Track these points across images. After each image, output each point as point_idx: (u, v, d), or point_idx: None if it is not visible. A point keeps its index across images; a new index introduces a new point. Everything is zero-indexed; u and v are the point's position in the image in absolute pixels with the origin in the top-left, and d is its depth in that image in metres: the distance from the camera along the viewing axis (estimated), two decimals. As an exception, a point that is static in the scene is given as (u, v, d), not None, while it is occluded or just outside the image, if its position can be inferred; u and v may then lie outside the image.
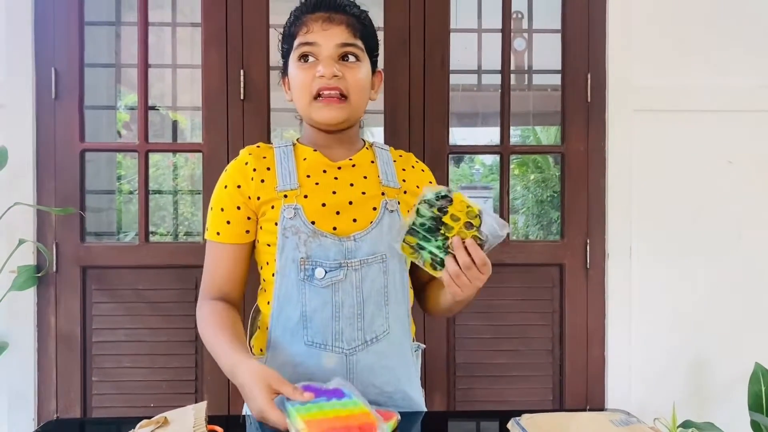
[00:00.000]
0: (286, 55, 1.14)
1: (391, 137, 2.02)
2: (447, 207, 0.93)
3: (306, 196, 1.08)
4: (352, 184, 1.11)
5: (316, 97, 1.08)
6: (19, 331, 1.94)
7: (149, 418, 0.92)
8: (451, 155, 2.06)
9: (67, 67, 1.97)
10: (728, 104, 2.03)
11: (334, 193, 1.09)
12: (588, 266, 2.04)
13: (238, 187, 1.09)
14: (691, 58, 2.03)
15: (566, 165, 2.06)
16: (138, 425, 0.90)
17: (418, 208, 0.93)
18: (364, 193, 1.11)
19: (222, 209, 1.10)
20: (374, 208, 1.10)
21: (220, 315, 1.07)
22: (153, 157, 2.07)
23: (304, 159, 1.13)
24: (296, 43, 1.10)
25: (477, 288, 0.96)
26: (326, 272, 1.05)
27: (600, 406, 2.03)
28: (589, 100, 2.04)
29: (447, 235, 0.93)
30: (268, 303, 1.09)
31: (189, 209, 4.47)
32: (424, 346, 1.24)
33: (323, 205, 1.08)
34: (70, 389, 1.97)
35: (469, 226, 0.92)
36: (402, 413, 0.98)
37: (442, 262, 0.95)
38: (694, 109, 2.03)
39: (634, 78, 2.02)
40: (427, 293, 1.20)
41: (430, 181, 1.22)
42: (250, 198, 1.08)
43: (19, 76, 1.94)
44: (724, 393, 2.02)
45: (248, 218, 1.09)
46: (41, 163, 1.96)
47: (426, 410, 1.17)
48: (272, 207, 1.07)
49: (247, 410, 1.14)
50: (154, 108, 3.31)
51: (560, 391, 2.06)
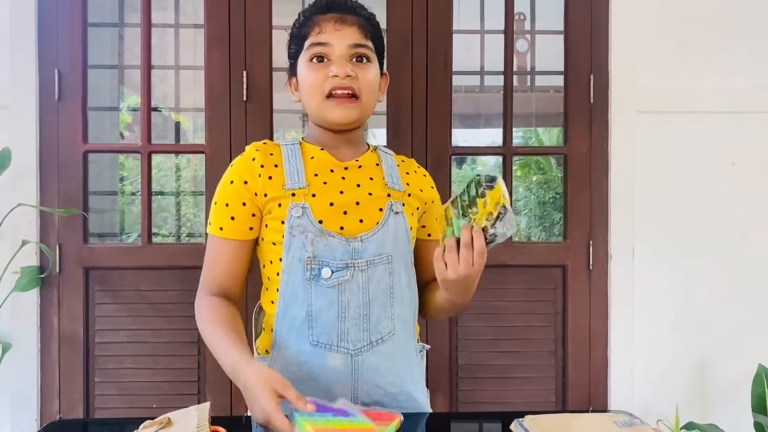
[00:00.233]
0: (293, 56, 1.14)
1: (394, 139, 2.02)
2: (487, 191, 0.92)
3: (314, 195, 1.07)
4: (358, 185, 1.11)
5: (327, 97, 1.08)
6: (22, 331, 1.94)
7: (152, 418, 0.92)
8: (453, 156, 2.06)
9: (71, 69, 1.97)
10: (731, 105, 2.02)
11: (342, 193, 1.09)
12: (591, 267, 2.04)
13: (245, 182, 1.08)
14: (694, 60, 2.03)
15: (569, 166, 2.06)
16: (141, 426, 0.91)
17: (470, 182, 0.95)
18: (370, 194, 1.11)
19: (227, 204, 1.08)
20: (380, 209, 1.10)
21: (219, 311, 1.05)
22: (155, 159, 2.07)
23: (312, 158, 1.12)
24: (308, 43, 1.09)
25: (462, 276, 0.93)
26: (333, 272, 1.05)
27: (603, 408, 2.03)
28: (592, 102, 2.04)
29: (473, 216, 0.93)
30: (272, 302, 1.09)
31: (191, 210, 4.47)
32: (429, 346, 1.24)
33: (331, 204, 1.07)
34: (72, 390, 1.97)
35: (490, 216, 0.92)
36: (405, 414, 0.98)
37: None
38: (698, 110, 2.03)
39: (637, 79, 2.02)
40: (422, 294, 1.19)
41: (432, 186, 1.23)
42: (256, 194, 1.07)
43: (23, 78, 1.94)
44: (728, 394, 2.02)
45: (253, 215, 1.08)
46: (44, 164, 1.96)
47: (431, 411, 1.17)
48: (279, 205, 1.07)
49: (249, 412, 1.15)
50: (156, 109, 3.32)
51: (563, 393, 2.06)
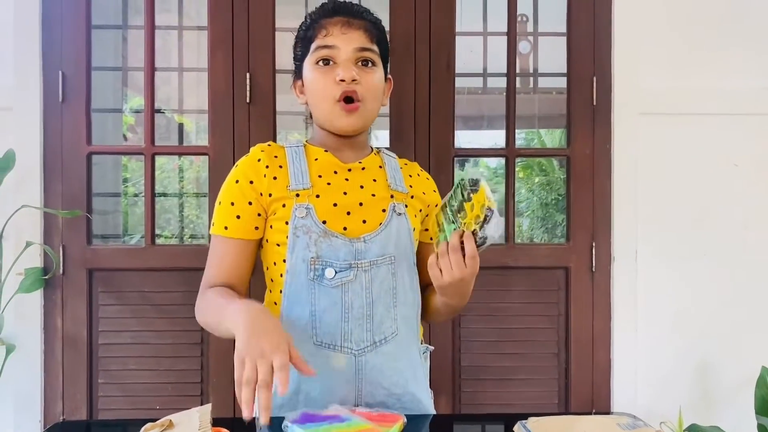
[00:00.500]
0: (299, 59, 1.14)
1: (397, 140, 2.02)
2: (472, 194, 0.92)
3: (318, 196, 1.08)
4: (362, 186, 1.12)
5: (337, 101, 1.08)
6: (26, 333, 1.94)
7: (154, 420, 0.92)
8: (456, 158, 2.06)
9: (75, 71, 1.98)
10: (734, 107, 2.02)
11: (345, 194, 1.10)
12: (593, 269, 2.04)
13: (251, 182, 1.08)
14: (697, 61, 2.03)
15: (572, 168, 2.06)
16: (143, 428, 0.90)
17: (455, 187, 0.95)
18: (373, 195, 1.11)
19: (232, 203, 1.09)
20: (383, 210, 1.11)
21: (219, 291, 1.04)
22: (158, 160, 2.08)
23: (316, 159, 1.13)
24: (314, 46, 1.10)
25: (457, 279, 0.94)
26: (336, 273, 1.05)
27: (606, 410, 2.03)
28: (595, 104, 2.04)
29: (462, 221, 0.94)
30: (275, 304, 1.09)
31: (194, 212, 4.48)
32: (432, 348, 1.24)
33: (335, 205, 1.08)
34: (76, 391, 1.97)
35: (477, 219, 0.92)
36: (408, 416, 0.98)
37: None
38: (700, 112, 2.03)
39: (640, 81, 2.02)
40: (422, 298, 1.19)
41: (434, 190, 1.23)
42: (262, 194, 1.08)
43: (27, 80, 1.95)
44: (731, 397, 2.02)
45: (258, 214, 1.09)
46: (48, 166, 1.97)
47: (434, 413, 1.17)
48: (283, 205, 1.07)
49: (256, 412, 1.13)
50: (159, 111, 3.33)
51: (566, 395, 2.06)
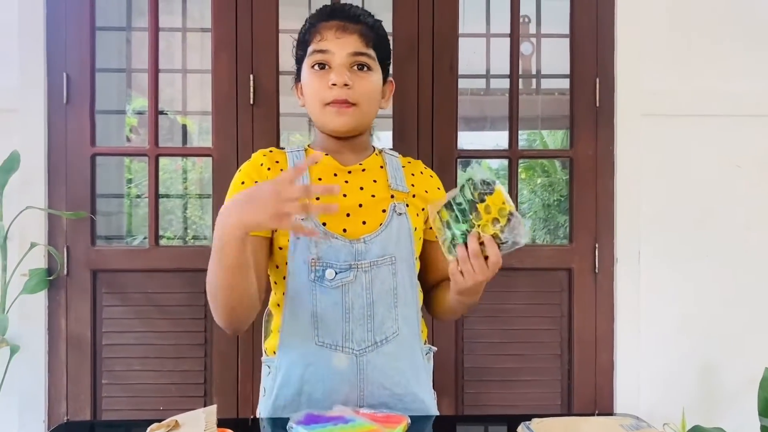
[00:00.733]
0: (299, 61, 1.16)
1: (400, 141, 2.02)
2: (486, 196, 0.92)
3: (317, 199, 1.09)
4: (361, 188, 1.13)
5: (326, 105, 1.10)
6: (30, 333, 1.95)
7: (159, 421, 0.93)
8: (459, 159, 2.06)
9: (79, 72, 1.99)
10: (736, 108, 2.02)
11: (345, 196, 1.11)
12: (597, 270, 2.04)
13: (256, 182, 1.10)
14: (700, 63, 2.03)
15: (575, 169, 2.06)
16: (149, 429, 0.91)
17: (463, 185, 0.93)
18: (373, 196, 1.12)
19: None
20: (383, 211, 1.11)
21: None
22: (161, 161, 2.08)
23: (315, 162, 1.14)
24: (310, 50, 1.11)
25: (479, 283, 0.94)
26: (336, 273, 1.06)
27: (609, 411, 2.03)
28: (598, 105, 2.04)
29: (474, 222, 0.92)
30: (278, 305, 1.11)
31: (197, 213, 4.49)
32: (436, 348, 1.24)
33: None
34: (80, 392, 1.98)
35: (496, 222, 0.91)
36: (411, 417, 0.98)
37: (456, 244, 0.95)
38: (703, 113, 2.03)
39: (643, 82, 2.02)
40: (433, 295, 1.21)
41: (439, 187, 1.23)
42: None
43: (32, 81, 1.96)
44: (734, 398, 2.01)
45: None
46: (53, 168, 1.98)
47: (438, 414, 1.17)
48: None
49: (259, 413, 1.15)
50: (162, 113, 3.33)
51: (569, 396, 2.06)
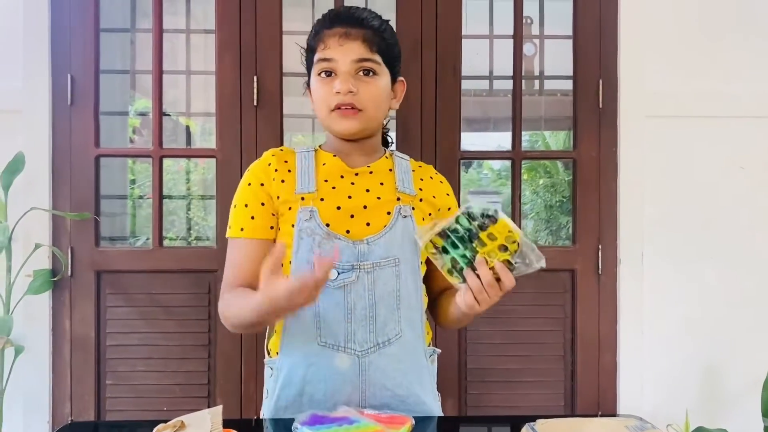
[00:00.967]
0: (308, 67, 1.17)
1: (403, 142, 2.03)
2: (488, 226, 0.90)
3: (322, 200, 1.10)
4: (368, 190, 1.14)
5: (332, 110, 1.11)
6: (35, 334, 1.95)
7: (165, 421, 0.93)
8: (462, 160, 2.06)
9: (83, 74, 1.99)
10: (740, 110, 2.02)
11: (350, 197, 1.12)
12: (600, 272, 2.04)
13: (262, 185, 1.12)
14: (703, 64, 2.03)
15: (578, 170, 2.06)
16: (155, 429, 0.91)
17: (458, 217, 0.91)
18: (379, 198, 1.13)
19: (246, 205, 1.12)
20: (388, 213, 1.12)
21: (242, 291, 1.07)
22: (163, 163, 2.09)
23: (324, 164, 1.16)
24: (315, 58, 1.12)
25: (491, 304, 0.96)
26: (339, 273, 1.07)
27: (612, 413, 2.02)
28: (601, 106, 2.04)
29: (478, 249, 0.92)
30: None
31: (199, 214, 4.50)
32: (440, 351, 1.24)
33: (338, 208, 1.10)
34: (84, 392, 1.98)
35: (503, 248, 0.91)
36: (415, 418, 0.99)
37: (461, 270, 0.94)
38: (706, 114, 2.03)
39: (646, 84, 2.02)
40: (438, 304, 1.20)
41: (448, 194, 1.23)
42: (271, 197, 1.12)
43: (36, 83, 1.96)
44: (738, 399, 2.01)
45: (272, 214, 1.12)
46: (57, 169, 1.98)
47: (441, 415, 1.17)
48: (289, 208, 1.10)
49: (263, 414, 1.15)
50: (165, 114, 3.33)
51: (572, 397, 2.06)
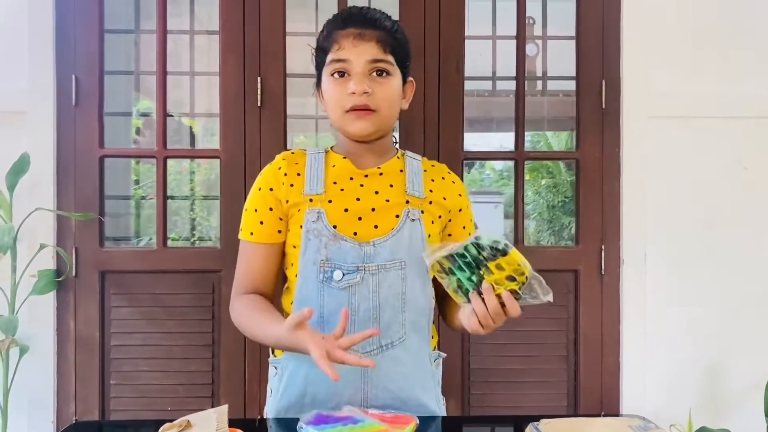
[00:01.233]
0: (319, 67, 1.17)
1: (406, 143, 2.03)
2: (498, 257, 0.90)
3: (330, 201, 1.11)
4: (377, 192, 1.14)
5: (347, 111, 1.11)
6: (39, 334, 1.96)
7: (166, 421, 0.94)
8: (465, 161, 2.06)
9: (88, 75, 2.00)
10: (743, 110, 2.02)
11: (358, 199, 1.12)
12: (603, 272, 2.04)
13: (271, 189, 1.14)
14: (706, 65, 2.03)
15: (581, 171, 2.06)
16: (161, 429, 0.92)
17: (467, 245, 0.90)
18: (387, 201, 1.13)
19: (255, 210, 1.14)
20: (397, 216, 1.12)
21: (254, 303, 1.11)
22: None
23: (333, 166, 1.16)
24: (328, 59, 1.12)
25: (497, 328, 0.97)
26: (344, 275, 1.07)
27: (615, 413, 2.03)
28: (604, 107, 2.04)
29: (485, 276, 0.92)
30: (291, 303, 1.12)
31: (201, 214, 4.50)
32: (445, 355, 1.24)
33: (345, 210, 1.10)
34: (88, 392, 1.99)
35: (511, 279, 0.91)
36: (419, 418, 0.99)
37: (466, 292, 0.95)
38: (709, 115, 2.03)
39: (649, 84, 2.02)
40: (447, 306, 1.20)
41: (460, 194, 1.21)
42: (280, 201, 1.13)
43: (41, 84, 1.97)
44: (740, 399, 2.01)
45: (280, 219, 1.14)
46: (62, 169, 1.99)
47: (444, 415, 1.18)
48: (299, 210, 1.11)
49: (266, 413, 1.17)
50: (168, 115, 3.33)
51: (575, 398, 2.06)
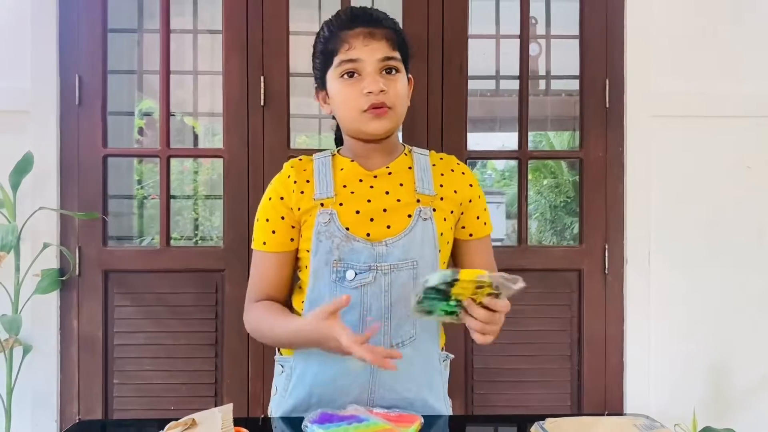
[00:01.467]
0: (321, 70, 1.14)
1: (409, 142, 1.98)
2: (455, 283, 0.89)
3: (341, 204, 1.10)
4: (387, 192, 1.13)
5: (364, 111, 1.09)
6: (43, 333, 1.96)
7: (169, 420, 0.94)
8: (468, 160, 2.06)
9: (91, 74, 2.00)
10: (747, 109, 2.02)
11: (369, 201, 1.11)
12: (606, 272, 2.04)
13: (281, 198, 1.13)
14: (710, 64, 2.03)
15: (584, 170, 2.06)
16: (167, 427, 0.92)
17: (425, 292, 0.89)
18: (399, 201, 1.12)
19: (267, 220, 1.14)
20: (408, 216, 1.11)
21: (270, 306, 1.12)
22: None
23: (341, 169, 1.15)
24: (337, 60, 1.10)
25: (501, 326, 0.97)
26: (356, 274, 1.07)
27: (618, 412, 2.02)
28: (608, 106, 2.04)
29: (458, 298, 0.92)
30: (303, 302, 1.12)
31: (203, 214, 4.51)
32: (453, 356, 1.24)
33: (357, 212, 1.10)
34: (91, 391, 1.99)
35: (479, 287, 0.91)
36: (424, 417, 1.00)
37: (453, 312, 0.94)
38: (713, 114, 2.02)
39: (653, 84, 2.02)
40: None
41: (471, 184, 1.20)
42: (292, 209, 1.12)
43: (44, 83, 1.97)
44: (745, 399, 2.01)
45: (292, 227, 1.13)
46: (65, 169, 1.99)
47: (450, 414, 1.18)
48: (311, 216, 1.11)
49: (271, 412, 1.17)
50: (171, 114, 3.34)
51: (578, 397, 2.05)
